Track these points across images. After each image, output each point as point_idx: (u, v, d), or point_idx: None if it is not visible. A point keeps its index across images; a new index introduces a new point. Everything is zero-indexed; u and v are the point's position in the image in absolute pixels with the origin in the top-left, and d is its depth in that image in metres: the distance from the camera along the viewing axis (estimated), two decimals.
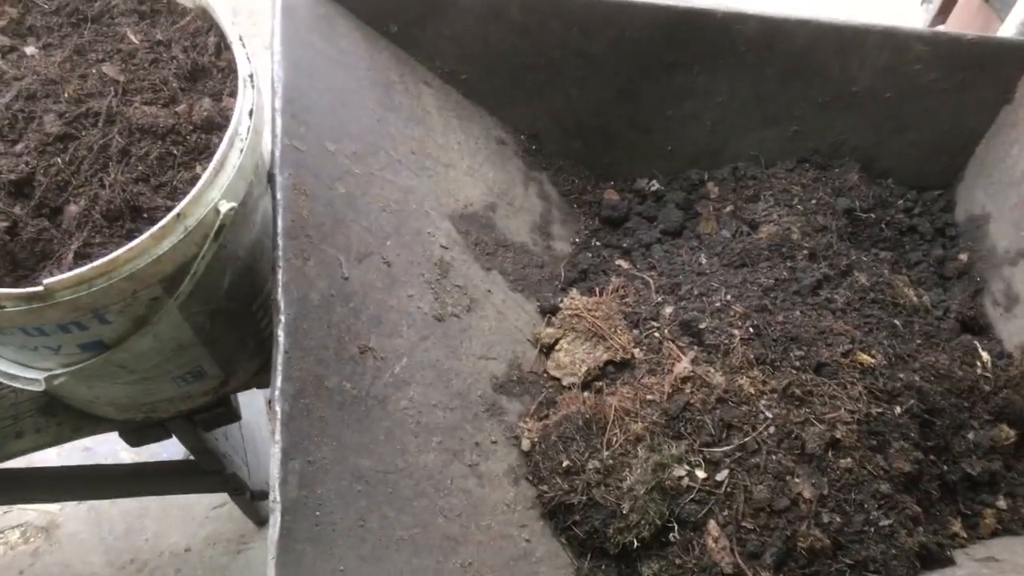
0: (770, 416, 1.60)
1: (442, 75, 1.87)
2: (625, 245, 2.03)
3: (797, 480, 1.54)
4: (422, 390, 1.54)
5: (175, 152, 1.27)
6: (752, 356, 1.66)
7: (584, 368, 1.75)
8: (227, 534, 2.46)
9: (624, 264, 1.99)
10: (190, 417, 1.68)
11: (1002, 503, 1.79)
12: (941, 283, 2.11)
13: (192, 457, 1.93)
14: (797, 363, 1.66)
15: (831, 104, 2.01)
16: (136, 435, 1.70)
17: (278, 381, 1.30)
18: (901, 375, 1.71)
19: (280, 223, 1.39)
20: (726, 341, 1.69)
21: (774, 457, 1.56)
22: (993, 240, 2.08)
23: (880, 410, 1.64)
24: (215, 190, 1.21)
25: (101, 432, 1.67)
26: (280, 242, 1.38)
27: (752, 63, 1.93)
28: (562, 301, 1.83)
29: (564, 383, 1.77)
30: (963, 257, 2.13)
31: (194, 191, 1.18)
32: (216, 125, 1.31)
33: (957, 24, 2.88)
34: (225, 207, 1.21)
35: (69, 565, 2.41)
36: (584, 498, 1.59)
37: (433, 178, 1.76)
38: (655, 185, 2.10)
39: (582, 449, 1.63)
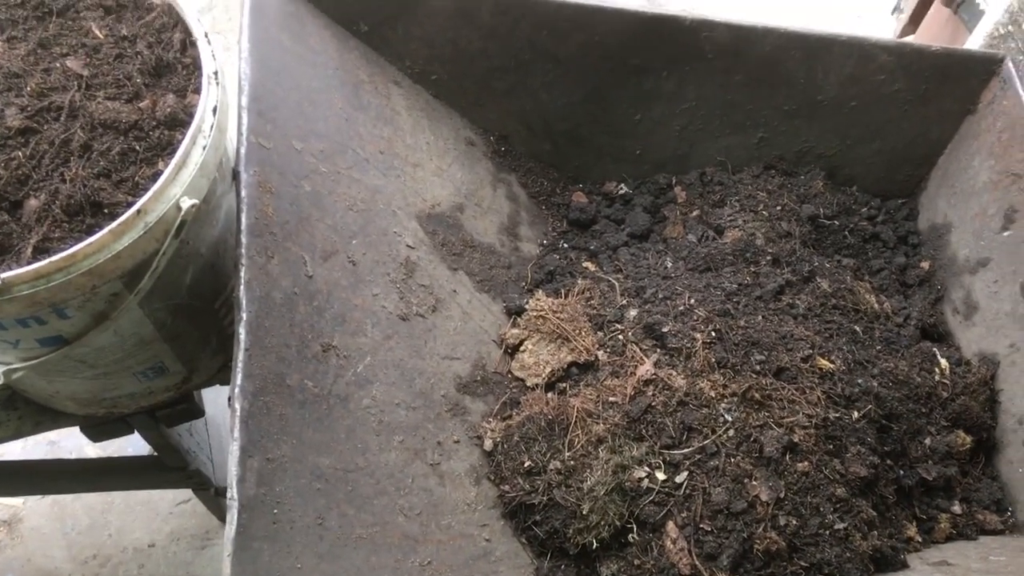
0: (730, 419, 1.61)
1: (412, 75, 1.87)
2: (592, 248, 2.04)
3: (755, 483, 1.56)
4: (385, 389, 1.55)
5: (137, 148, 1.26)
6: (713, 360, 1.68)
7: (548, 369, 1.77)
8: (191, 530, 2.45)
9: (591, 266, 2.01)
10: (152, 413, 1.68)
11: (957, 508, 1.82)
12: (902, 290, 2.14)
13: (156, 453, 1.93)
14: (758, 367, 1.68)
15: (797, 112, 2.04)
16: (97, 430, 1.69)
17: (238, 378, 1.30)
18: (860, 381, 1.74)
19: (244, 220, 1.39)
20: (688, 345, 1.70)
21: (733, 460, 1.58)
22: (954, 249, 2.12)
23: (838, 415, 1.66)
24: (177, 187, 1.22)
25: (62, 427, 1.67)
26: (243, 239, 1.38)
27: (720, 69, 1.95)
28: (527, 302, 1.85)
29: (528, 384, 1.78)
30: (924, 265, 2.16)
31: (155, 187, 1.18)
32: (180, 122, 1.31)
33: (927, 34, 2.92)
34: (187, 204, 1.21)
35: (31, 559, 2.39)
36: (545, 498, 1.60)
37: (401, 178, 1.77)
38: (623, 188, 2.12)
39: (544, 450, 1.64)
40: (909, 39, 2.97)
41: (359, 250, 1.61)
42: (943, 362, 1.95)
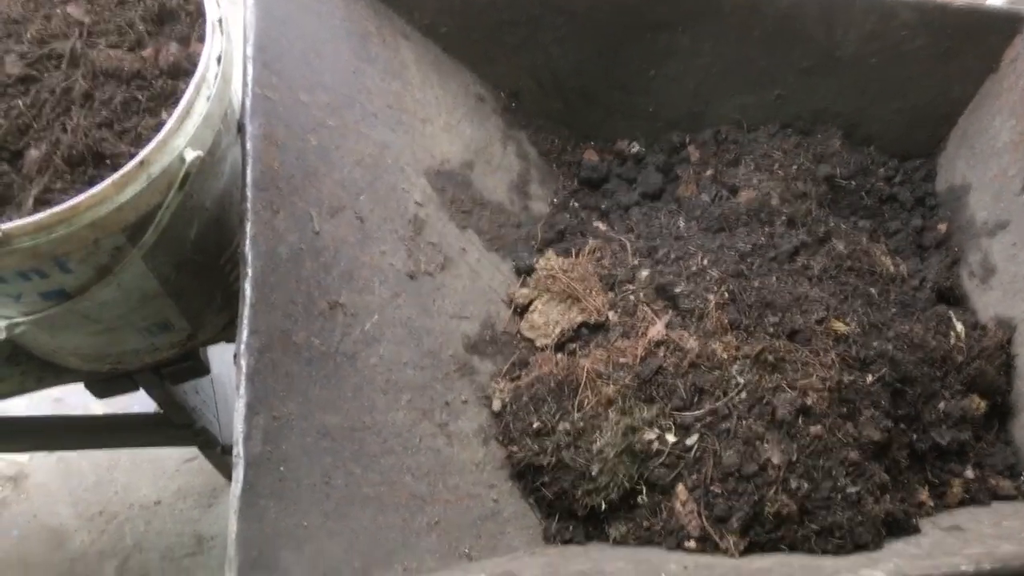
0: (742, 382, 1.59)
1: (421, 28, 1.82)
2: (603, 207, 2.01)
3: (766, 446, 1.54)
4: (393, 348, 1.52)
5: (140, 97, 1.23)
6: (726, 321, 1.66)
7: (558, 329, 1.74)
8: (198, 488, 2.45)
9: (602, 226, 1.97)
10: (158, 370, 1.66)
11: (970, 473, 1.80)
12: (919, 253, 2.10)
13: (161, 410, 1.92)
14: (771, 329, 1.66)
15: (815, 69, 1.99)
16: (102, 386, 1.68)
17: (244, 335, 1.27)
18: (875, 343, 1.71)
19: (249, 174, 1.36)
20: (701, 306, 1.68)
21: (744, 422, 1.56)
22: (972, 211, 2.08)
23: (852, 378, 1.64)
24: (180, 138, 1.19)
25: (65, 383, 1.65)
26: (249, 193, 1.35)
27: (737, 25, 1.90)
28: (537, 262, 1.82)
29: (537, 344, 1.76)
30: (942, 227, 2.13)
31: (158, 138, 1.15)
32: (183, 71, 1.27)
33: None
34: (191, 155, 1.18)
35: (37, 515, 2.39)
36: (553, 460, 1.58)
37: (409, 133, 1.73)
38: (636, 147, 2.07)
39: (553, 410, 1.62)
40: None
41: (367, 206, 1.58)
42: (959, 326, 1.92)
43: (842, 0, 1.87)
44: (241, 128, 1.40)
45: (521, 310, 1.80)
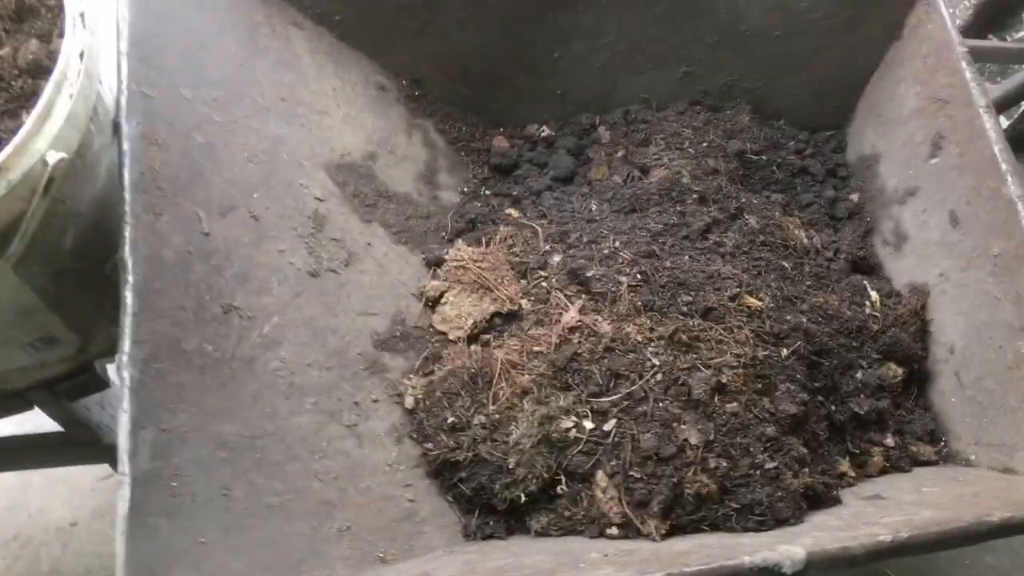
0: (657, 363, 1.57)
1: (313, 17, 1.76)
2: (515, 193, 1.97)
3: (683, 427, 1.52)
4: (295, 349, 1.47)
5: None
6: (640, 303, 1.63)
7: (470, 321, 1.70)
8: (115, 506, 2.35)
9: (514, 213, 1.93)
10: (51, 386, 1.58)
11: (890, 440, 1.80)
12: (832, 224, 2.11)
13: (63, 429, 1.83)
14: (685, 308, 1.64)
15: (720, 44, 1.98)
16: None
17: (126, 346, 1.21)
18: (788, 317, 1.70)
19: (127, 176, 1.29)
20: (613, 289, 1.65)
21: (661, 404, 1.54)
22: (883, 179, 2.09)
23: (767, 353, 1.63)
24: (41, 140, 1.11)
25: None
26: (127, 196, 1.28)
27: (639, 1, 1.87)
28: (447, 253, 1.77)
29: (451, 337, 1.71)
30: (854, 197, 2.13)
31: (15, 141, 1.08)
32: (45, 69, 1.19)
33: None
34: (53, 158, 1.11)
35: None
36: (470, 455, 1.55)
37: (306, 126, 1.67)
38: (545, 131, 2.04)
39: (467, 404, 1.58)
40: None
41: (261, 204, 1.52)
42: (873, 295, 1.93)
43: None
44: (117, 127, 1.33)
45: (432, 303, 1.75)
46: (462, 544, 1.53)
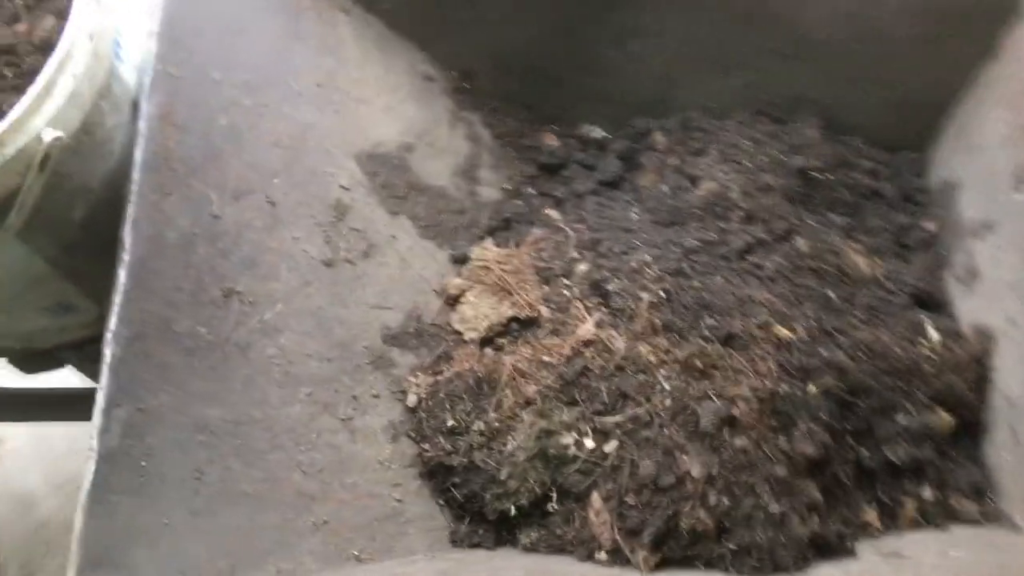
0: (668, 388, 1.50)
1: (362, 3, 1.75)
2: (558, 194, 1.92)
3: (686, 457, 1.45)
4: (296, 338, 1.47)
5: (7, 74, 1.19)
6: (658, 322, 1.56)
7: (486, 323, 1.67)
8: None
9: (554, 214, 1.88)
10: (80, 348, 1.64)
11: (927, 493, 1.67)
12: (901, 253, 1.96)
13: None
14: (706, 332, 1.56)
15: (789, 53, 1.85)
16: (25, 363, 1.67)
17: (112, 323, 1.24)
18: (823, 351, 1.59)
19: (139, 155, 1.32)
20: (632, 305, 1.58)
21: (666, 431, 1.47)
22: (962, 209, 1.92)
23: (790, 388, 1.52)
24: (39, 118, 1.14)
25: None
26: (136, 175, 1.31)
27: (703, 4, 1.77)
28: (473, 251, 1.74)
29: (465, 338, 1.69)
30: (930, 226, 1.98)
31: (10, 117, 1.11)
32: (54, 47, 1.22)
33: None
34: (49, 136, 1.14)
35: (7, 481, 2.43)
36: (465, 460, 1.52)
37: (340, 114, 1.67)
38: (598, 132, 1.97)
39: (469, 409, 1.55)
40: None
41: (281, 190, 1.52)
42: (933, 334, 1.78)
43: None
44: (136, 106, 1.36)
45: (453, 301, 1.73)
46: (446, 550, 1.51)
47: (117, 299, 1.25)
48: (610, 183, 1.92)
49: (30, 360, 1.65)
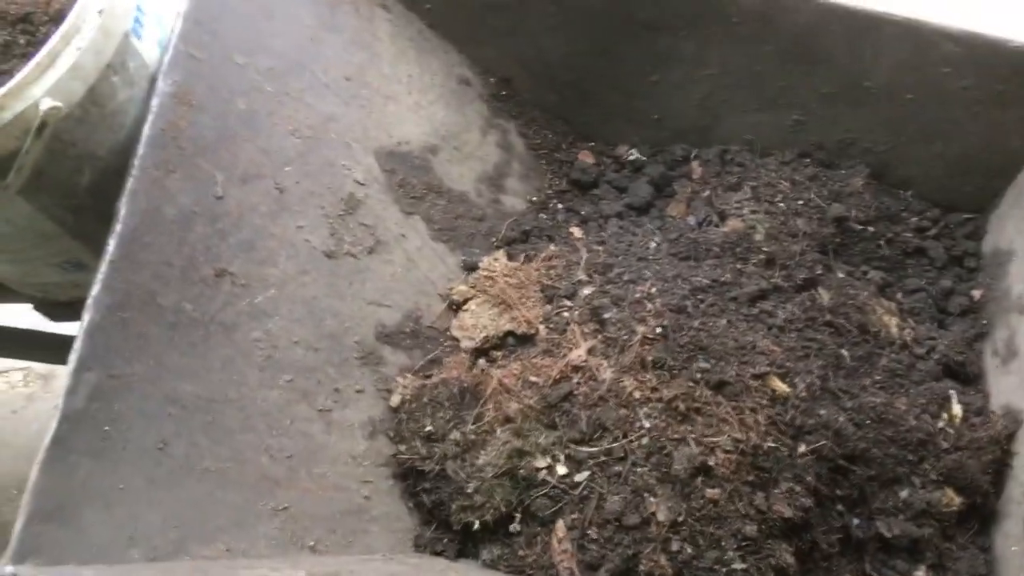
0: (647, 426, 1.46)
1: (404, 0, 1.76)
2: (584, 212, 1.89)
3: (654, 499, 1.41)
4: (284, 324, 1.49)
5: (21, 41, 1.24)
6: (649, 358, 1.52)
7: (483, 334, 1.66)
8: None
9: (577, 232, 1.86)
10: None
11: (920, 573, 1.59)
12: (939, 318, 1.86)
13: None
14: (698, 375, 1.51)
15: (839, 96, 1.78)
16: (48, 310, 1.74)
17: (95, 289, 1.28)
18: (821, 411, 1.53)
19: (147, 130, 1.36)
20: (626, 336, 1.55)
21: (638, 470, 1.44)
22: (1012, 281, 1.81)
23: (775, 445, 1.47)
24: (38, 87, 1.18)
25: (11, 301, 1.72)
26: (140, 150, 1.34)
27: (747, 37, 1.72)
28: (482, 260, 1.73)
29: (462, 345, 1.68)
30: (975, 293, 1.87)
31: (10, 84, 1.16)
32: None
33: None
34: (46, 105, 1.18)
35: None
36: (437, 468, 1.52)
37: (365, 108, 1.68)
38: (635, 154, 1.93)
39: (448, 417, 1.55)
40: None
41: (292, 178, 1.55)
42: (956, 408, 1.69)
43: (869, 23, 1.65)
44: (153, 83, 1.39)
45: (456, 307, 1.72)
46: (406, 554, 1.51)
47: (102, 267, 1.28)
48: (638, 208, 1.88)
49: (53, 309, 1.72)
